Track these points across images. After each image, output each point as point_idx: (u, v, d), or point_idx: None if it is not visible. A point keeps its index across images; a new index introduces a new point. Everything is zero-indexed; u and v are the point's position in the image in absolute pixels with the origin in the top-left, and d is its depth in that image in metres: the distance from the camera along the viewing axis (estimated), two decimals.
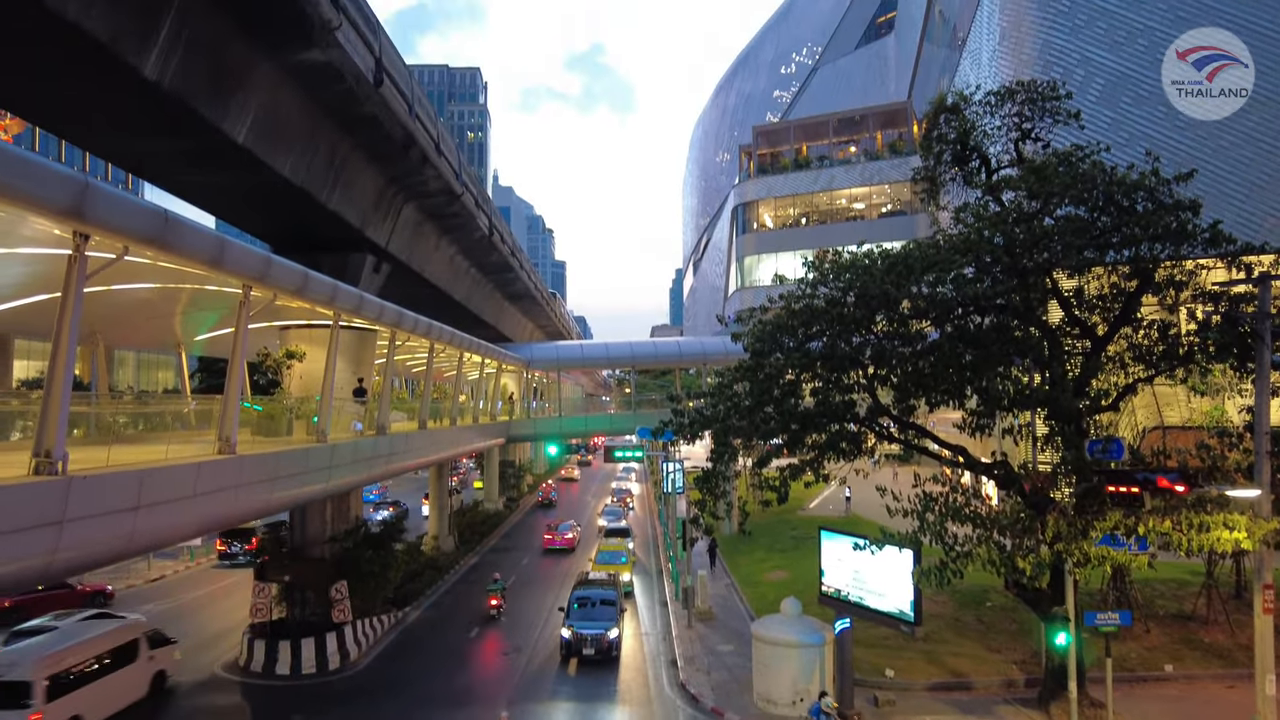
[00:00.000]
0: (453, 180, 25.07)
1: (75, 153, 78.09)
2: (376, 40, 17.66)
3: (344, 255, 24.41)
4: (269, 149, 17.29)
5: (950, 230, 17.08)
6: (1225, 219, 16.19)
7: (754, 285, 59.56)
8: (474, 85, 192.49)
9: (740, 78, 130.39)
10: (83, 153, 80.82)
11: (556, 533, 38.70)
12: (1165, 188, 15.10)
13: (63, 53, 12.34)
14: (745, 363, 17.58)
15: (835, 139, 61.84)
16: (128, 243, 9.92)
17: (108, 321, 18.68)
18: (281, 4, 13.96)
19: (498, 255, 35.76)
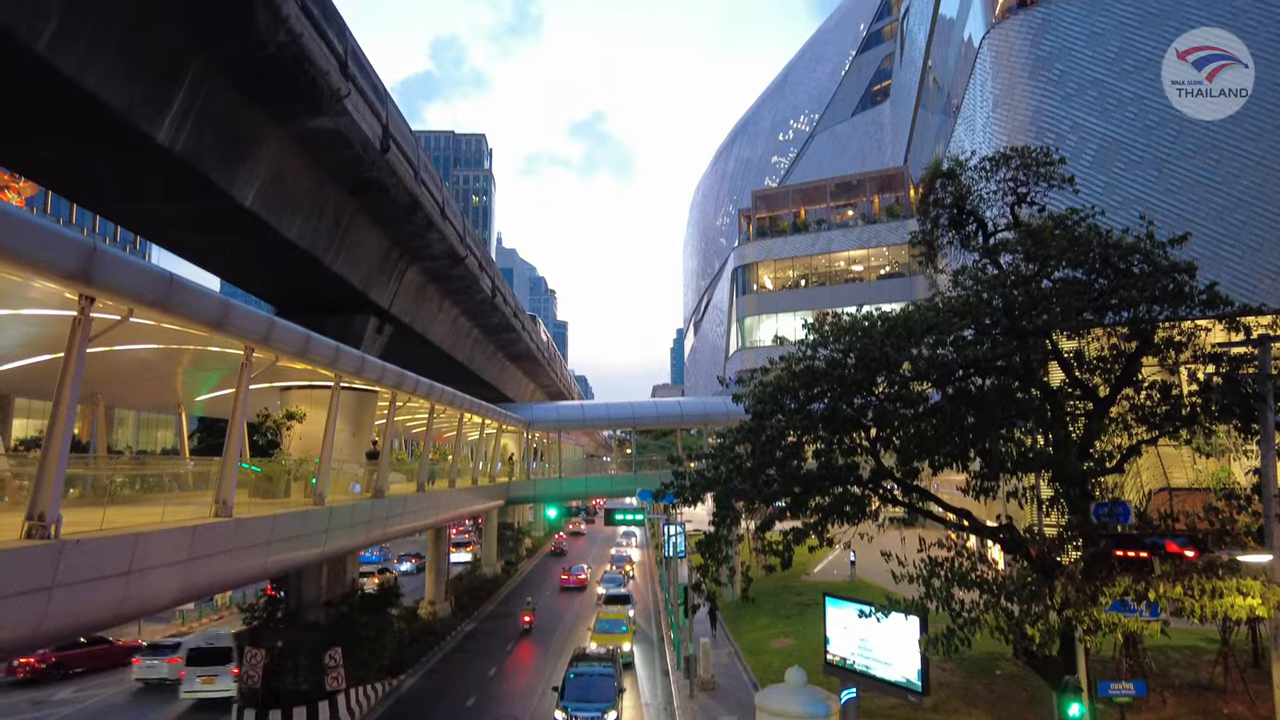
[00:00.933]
0: (457, 243, 25.41)
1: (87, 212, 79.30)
2: (384, 108, 18.12)
3: (347, 317, 24.58)
4: (276, 212, 17.57)
5: (949, 293, 17.21)
6: (1221, 280, 16.33)
7: (754, 345, 59.76)
8: (479, 151, 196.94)
9: (739, 144, 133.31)
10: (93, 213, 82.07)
11: (570, 574, 47.62)
12: (1161, 250, 15.26)
13: (78, 120, 12.67)
14: (747, 424, 17.51)
15: (833, 203, 62.86)
16: (132, 305, 10.00)
17: (109, 381, 18.71)
18: (293, 74, 14.35)
19: (500, 316, 36.00)
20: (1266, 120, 28.94)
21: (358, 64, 16.59)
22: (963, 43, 39.72)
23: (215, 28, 13.04)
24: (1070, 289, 15.14)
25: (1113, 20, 31.35)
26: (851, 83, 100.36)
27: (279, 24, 13.21)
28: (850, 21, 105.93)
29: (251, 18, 12.76)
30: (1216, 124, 29.63)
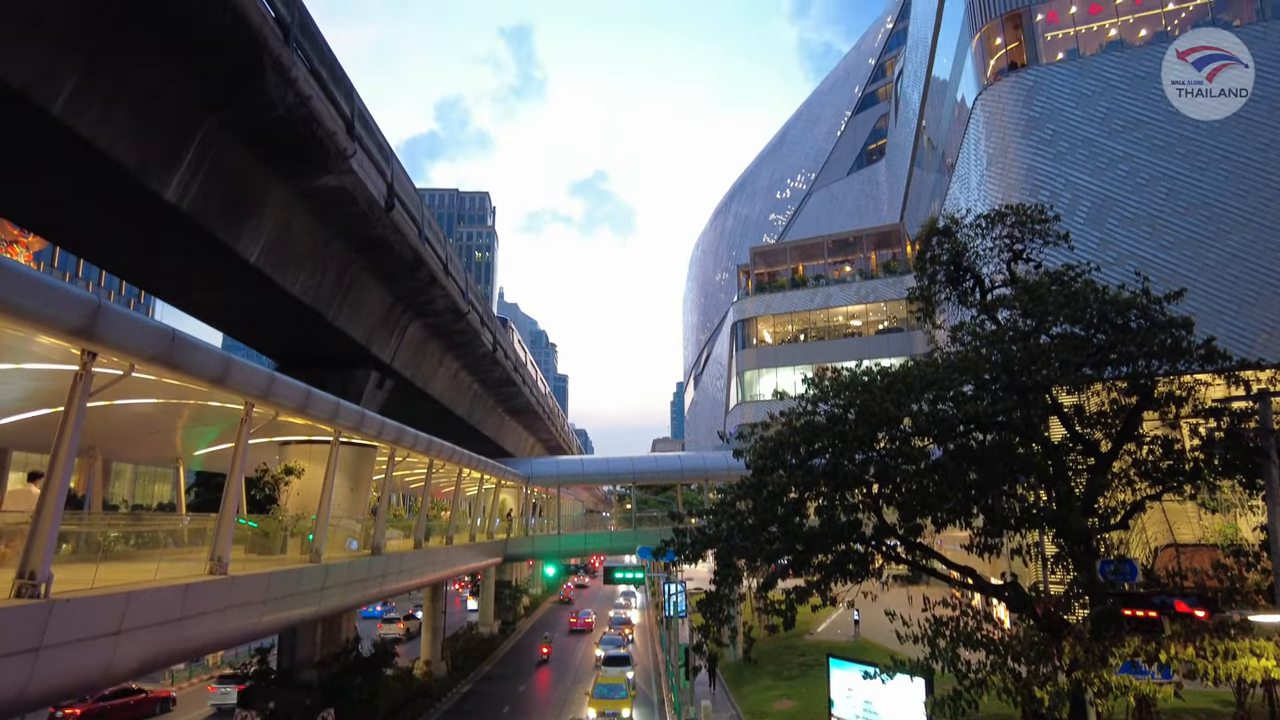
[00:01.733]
0: (459, 299, 25.60)
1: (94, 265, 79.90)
2: (389, 167, 18.46)
3: (348, 372, 24.63)
4: (280, 268, 17.75)
5: (948, 348, 17.27)
6: (1218, 335, 16.41)
7: (755, 399, 59.69)
8: (482, 208, 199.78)
9: (737, 202, 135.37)
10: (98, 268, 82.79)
11: (579, 617, 54.52)
12: (1157, 306, 15.37)
13: (89, 178, 12.89)
14: (748, 479, 17.38)
15: (830, 259, 63.52)
16: (134, 361, 10.02)
17: (107, 435, 18.62)
18: (301, 135, 14.66)
19: (500, 371, 36.06)
20: (1253, 179, 29.46)
21: (364, 124, 16.96)
22: (956, 104, 40.66)
23: (227, 89, 13.37)
24: (1069, 344, 15.21)
25: (1100, 83, 32.16)
26: (847, 142, 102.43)
27: (288, 86, 13.56)
28: (846, 84, 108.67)
29: (262, 80, 13.10)
30: (1206, 182, 30.14)
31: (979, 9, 35.42)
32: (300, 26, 14.07)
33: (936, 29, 44.57)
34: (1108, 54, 32.55)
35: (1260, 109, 29.52)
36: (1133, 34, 32.84)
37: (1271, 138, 29.31)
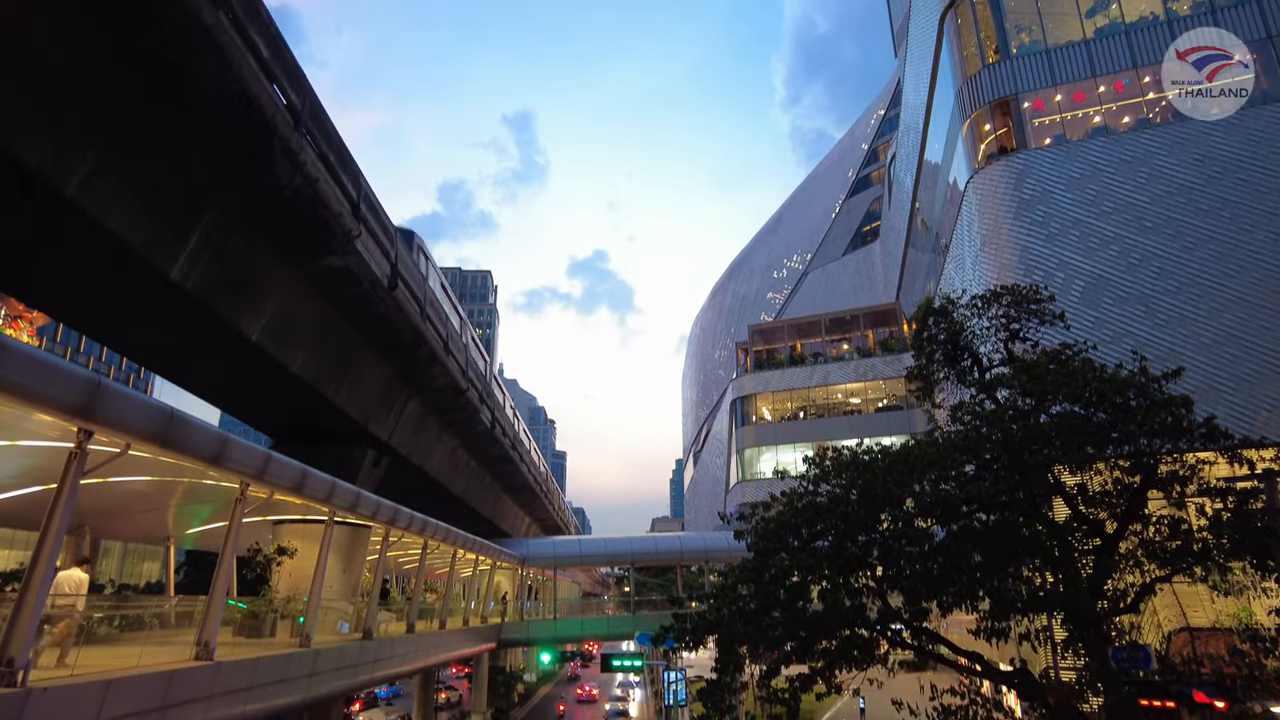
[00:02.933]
0: (459, 377, 25.65)
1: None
2: (393, 247, 18.76)
3: (345, 449, 24.46)
4: (281, 346, 17.83)
5: (948, 428, 17.21)
6: (1219, 413, 16.37)
7: (755, 478, 59.13)
8: (485, 286, 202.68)
9: (735, 280, 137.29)
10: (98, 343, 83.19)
11: (585, 688, 65.12)
12: (1156, 384, 15.39)
13: (95, 256, 13.07)
14: (749, 561, 17.04)
15: (828, 337, 63.99)
16: (130, 439, 9.96)
17: (98, 513, 18.34)
18: (307, 216, 14.96)
19: (499, 448, 35.83)
20: (1241, 260, 29.91)
21: (369, 206, 17.33)
22: (949, 186, 41.67)
23: (237, 172, 13.70)
24: (1069, 423, 15.15)
25: (1088, 166, 33.03)
26: (842, 224, 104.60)
27: (296, 170, 13.91)
28: (840, 168, 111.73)
29: (271, 164, 13.44)
30: (1195, 262, 30.59)
31: (968, 97, 36.69)
32: (310, 113, 14.52)
33: (928, 115, 46.07)
34: (1093, 139, 33.54)
35: (1243, 193, 30.22)
36: (1116, 120, 33.90)
37: (1255, 220, 29.90)
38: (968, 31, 37.72)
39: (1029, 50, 35.62)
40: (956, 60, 38.13)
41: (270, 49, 12.99)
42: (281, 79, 13.30)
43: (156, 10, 10.40)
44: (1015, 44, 35.96)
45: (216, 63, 11.48)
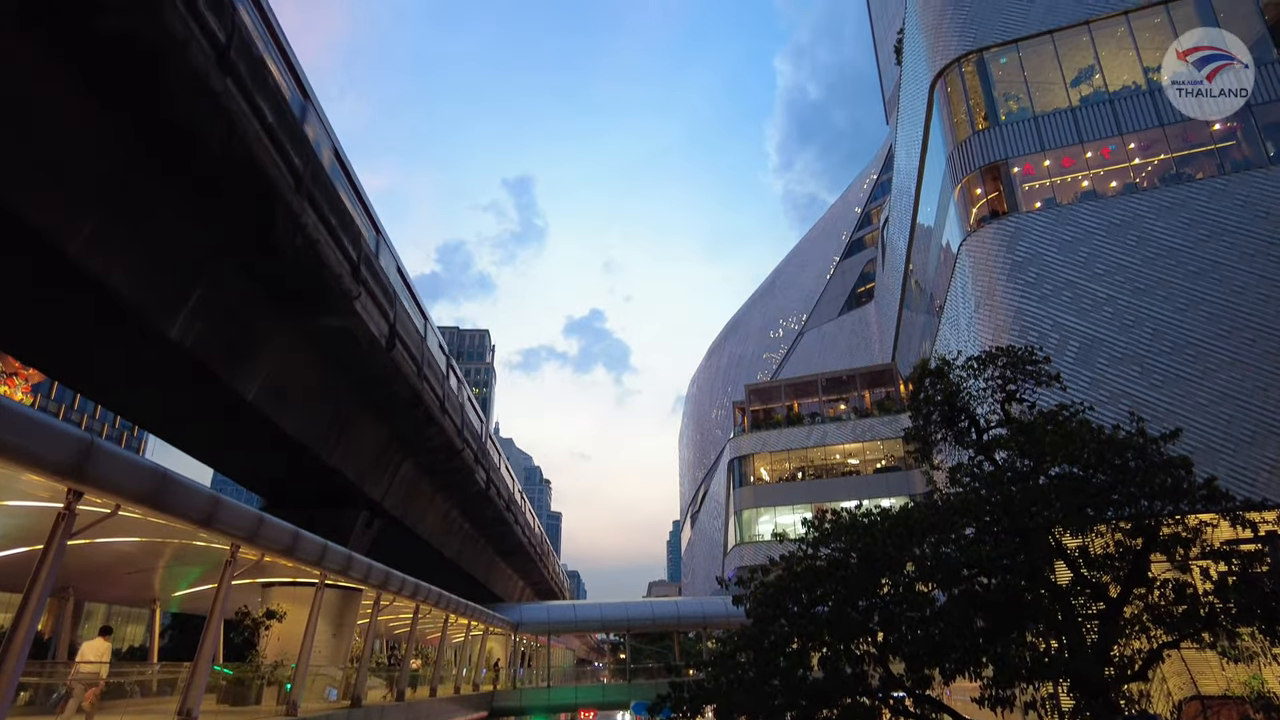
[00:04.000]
0: (454, 437, 25.51)
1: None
2: (391, 308, 18.86)
3: (337, 510, 24.16)
4: (277, 406, 17.76)
5: (947, 490, 17.09)
6: (1219, 473, 16.31)
7: (753, 540, 58.36)
8: (482, 345, 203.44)
9: (732, 341, 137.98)
10: (93, 401, 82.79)
11: None
12: (1154, 446, 15.34)
13: (93, 314, 13.11)
14: (747, 628, 16.70)
15: (825, 397, 64.02)
16: (121, 500, 9.82)
17: (83, 575, 17.99)
18: (307, 277, 15.08)
19: (493, 510, 35.41)
20: (1233, 321, 30.15)
21: (369, 267, 17.48)
22: (941, 248, 42.25)
23: (239, 233, 13.86)
24: (1068, 485, 15.05)
25: (1079, 229, 33.56)
26: (836, 285, 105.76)
27: (298, 231, 14.07)
28: (833, 231, 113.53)
29: (273, 226, 13.61)
30: (1188, 323, 30.84)
31: (959, 162, 37.50)
32: (313, 176, 14.77)
33: (919, 180, 47.01)
34: (1083, 203, 34.16)
35: (1231, 256, 30.66)
36: (1104, 184, 34.61)
37: (1245, 282, 30.26)
38: (957, 99, 38.80)
39: (1017, 117, 36.59)
40: (947, 127, 39.12)
41: (275, 113, 13.27)
42: (285, 143, 13.56)
43: (165, 76, 10.65)
44: (1004, 111, 36.95)
45: (222, 127, 11.72)
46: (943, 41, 39.48)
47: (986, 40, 38.00)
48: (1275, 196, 31.08)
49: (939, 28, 39.95)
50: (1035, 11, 37.54)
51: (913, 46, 45.06)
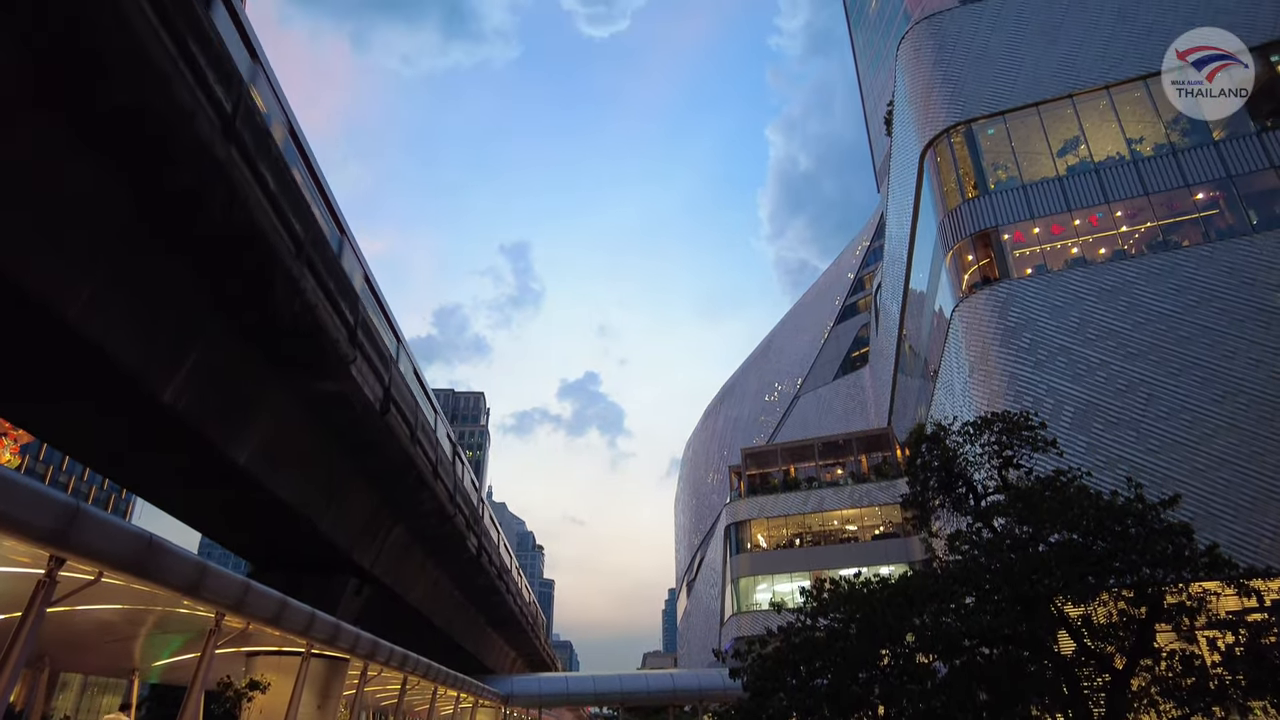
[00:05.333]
0: (446, 503, 25.21)
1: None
2: (387, 372, 18.87)
3: (326, 577, 23.69)
4: (268, 470, 17.57)
5: (946, 557, 16.87)
6: (1220, 540, 16.13)
7: (751, 609, 57.20)
8: (477, 408, 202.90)
9: (727, 404, 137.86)
10: (81, 464, 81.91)
11: None
12: (1153, 513, 15.21)
13: (86, 377, 13.05)
14: (745, 702, 16.24)
15: (821, 461, 63.69)
16: (104, 568, 9.61)
17: (60, 644, 17.47)
18: (304, 341, 15.11)
19: (484, 579, 34.77)
20: (1225, 385, 30.28)
21: (365, 332, 17.55)
22: (934, 314, 42.64)
23: (237, 298, 13.94)
24: (1069, 553, 14.86)
25: (1070, 295, 33.97)
26: (831, 350, 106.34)
27: (296, 296, 14.16)
28: (827, 296, 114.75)
29: (272, 291, 13.70)
30: (1182, 388, 30.95)
31: (950, 229, 38.17)
32: (313, 242, 14.94)
33: (911, 246, 47.74)
34: (1073, 269, 34.66)
35: (1221, 321, 30.98)
36: (1093, 251, 35.18)
37: (1235, 348, 30.50)
38: (947, 168, 39.73)
39: (1006, 186, 37.41)
40: (937, 195, 39.95)
41: (277, 181, 13.50)
42: (286, 210, 13.76)
43: (170, 143, 10.86)
44: (993, 180, 37.80)
45: (224, 193, 11.90)
46: (931, 113, 40.64)
47: (974, 112, 39.12)
48: (1260, 264, 31.59)
49: (927, 100, 41.17)
50: (1020, 85, 38.75)
51: (902, 118, 46.34)
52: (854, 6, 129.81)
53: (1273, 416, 29.39)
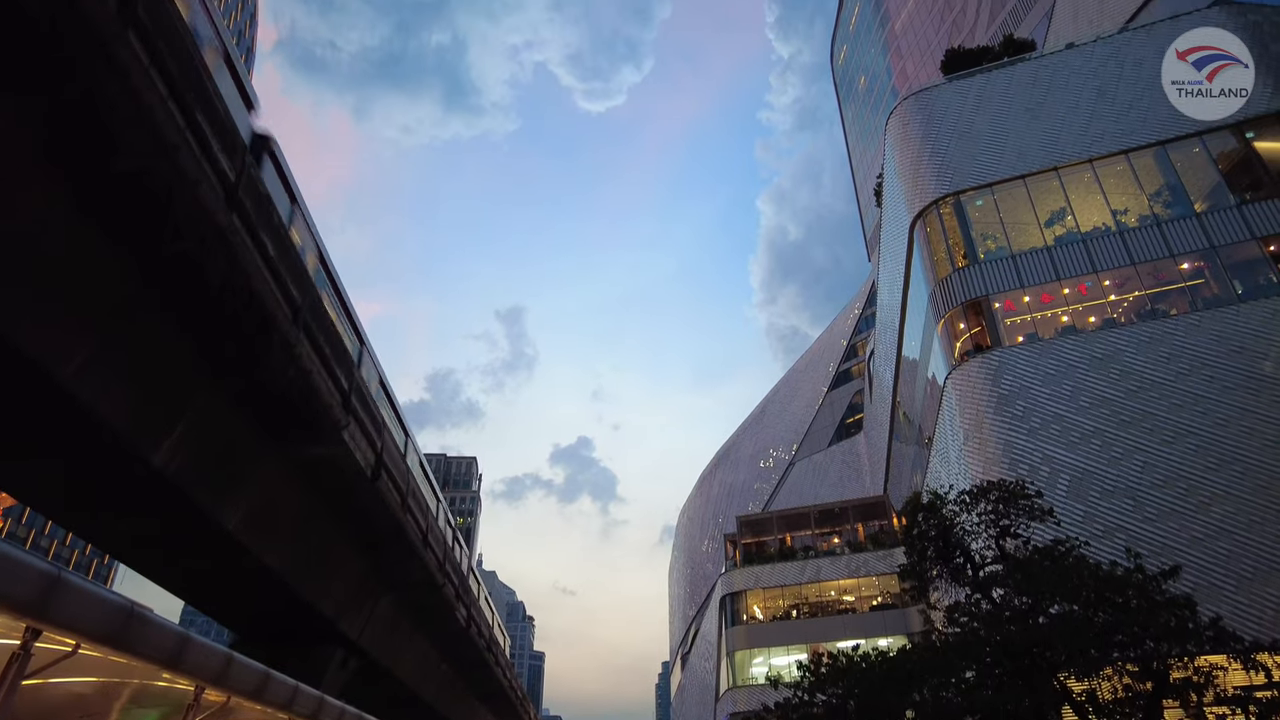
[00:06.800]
0: (436, 572, 24.75)
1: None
2: (379, 437, 18.75)
3: (311, 649, 23.02)
4: (256, 538, 17.28)
5: (946, 629, 16.56)
6: (1222, 611, 15.86)
7: (747, 684, 55.68)
8: (469, 473, 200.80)
9: (722, 470, 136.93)
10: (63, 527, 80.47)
11: None
12: (1154, 584, 15.02)
13: (75, 441, 12.92)
14: None
15: (817, 530, 62.98)
16: (83, 639, 9.34)
17: (29, 719, 16.84)
18: (296, 407, 15.05)
19: (474, 652, 33.88)
20: (1219, 454, 30.25)
21: (359, 398, 17.51)
22: (928, 381, 42.81)
23: (232, 363, 13.93)
24: (1070, 625, 14.60)
25: (1062, 363, 34.20)
26: (825, 416, 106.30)
27: (291, 362, 14.16)
28: (821, 362, 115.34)
29: (267, 356, 13.71)
30: (1176, 456, 30.89)
31: (941, 298, 38.65)
32: (310, 308, 15.04)
33: (903, 314, 48.24)
34: (1064, 337, 34.99)
35: (1212, 390, 31.15)
36: (1083, 319, 35.58)
37: (1227, 416, 30.59)
38: (936, 238, 40.46)
39: (995, 256, 38.05)
40: (927, 264, 40.58)
41: (277, 247, 13.66)
42: (285, 276, 13.88)
43: (174, 212, 11.02)
44: (982, 250, 38.46)
45: (224, 260, 12.01)
46: (920, 185, 41.62)
47: (962, 184, 40.07)
48: (1247, 332, 31.95)
49: (916, 172, 42.21)
50: (1006, 158, 39.79)
51: (892, 189, 47.41)
52: (844, 83, 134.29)
53: (1269, 485, 29.29)
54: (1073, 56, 40.62)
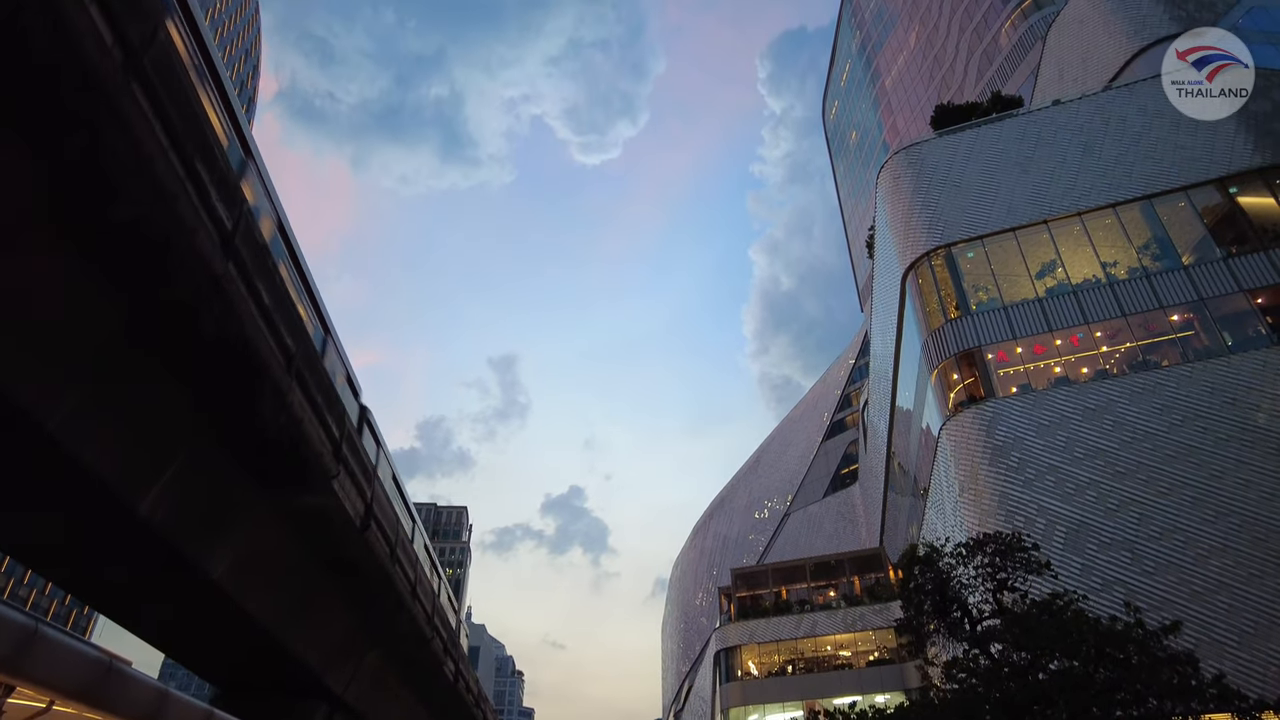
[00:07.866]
0: (424, 625, 24.26)
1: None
2: (369, 487, 18.55)
3: (296, 704, 22.41)
4: (241, 588, 16.93)
5: (944, 685, 16.24)
6: (1224, 668, 15.61)
7: None
8: (459, 523, 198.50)
9: (716, 520, 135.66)
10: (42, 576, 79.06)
11: None
12: (1155, 640, 14.81)
13: (59, 490, 12.70)
14: None
15: (813, 583, 62.19)
16: (57, 695, 9.09)
17: None
18: (288, 455, 14.91)
19: (462, 708, 33.04)
20: (1215, 506, 30.12)
21: (350, 447, 17.37)
22: (922, 431, 42.75)
23: (222, 410, 13.82)
24: (1070, 682, 14.34)
25: (1055, 414, 34.23)
26: (820, 466, 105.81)
27: (283, 410, 14.07)
28: (814, 412, 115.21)
29: (259, 404, 13.62)
30: (1172, 508, 30.74)
31: (934, 349, 38.84)
32: (304, 357, 15.00)
33: (896, 365, 48.41)
34: (1057, 388, 35.10)
35: (1206, 441, 31.16)
36: (1076, 370, 35.74)
37: (1222, 467, 30.54)
38: (929, 290, 40.84)
39: (987, 307, 38.38)
40: (919, 315, 40.88)
41: (272, 296, 13.68)
42: (280, 326, 13.88)
43: (169, 260, 11.05)
44: (974, 301, 38.81)
45: (219, 308, 12.01)
46: (912, 237, 42.16)
47: (953, 236, 40.60)
48: (1239, 384, 32.10)
49: (908, 225, 42.79)
50: (996, 211, 40.42)
51: (884, 242, 48.00)
52: (835, 137, 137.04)
53: (1267, 538, 29.10)
54: (1059, 113, 41.62)
